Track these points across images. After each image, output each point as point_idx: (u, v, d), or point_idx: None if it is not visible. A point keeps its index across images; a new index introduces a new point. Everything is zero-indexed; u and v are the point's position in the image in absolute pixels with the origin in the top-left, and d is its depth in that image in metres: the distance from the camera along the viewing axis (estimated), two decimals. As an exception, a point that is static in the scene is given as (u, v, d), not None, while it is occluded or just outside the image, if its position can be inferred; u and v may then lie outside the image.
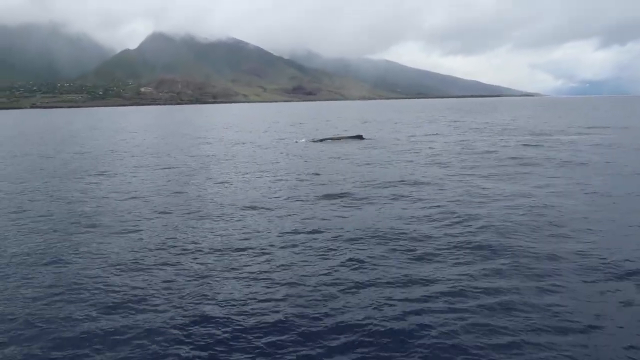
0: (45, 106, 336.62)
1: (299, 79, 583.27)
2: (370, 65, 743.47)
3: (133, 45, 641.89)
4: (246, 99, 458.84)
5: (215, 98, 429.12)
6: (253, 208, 14.95)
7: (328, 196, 16.23)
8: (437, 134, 44.52)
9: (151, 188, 18.86)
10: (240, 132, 52.74)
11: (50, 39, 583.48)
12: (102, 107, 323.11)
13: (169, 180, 20.62)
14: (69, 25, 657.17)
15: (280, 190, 17.71)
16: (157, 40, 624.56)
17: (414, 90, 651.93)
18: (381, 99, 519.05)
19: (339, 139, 37.63)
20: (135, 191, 18.31)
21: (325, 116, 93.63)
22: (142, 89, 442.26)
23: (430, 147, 32.04)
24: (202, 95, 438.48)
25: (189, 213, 14.51)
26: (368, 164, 24.49)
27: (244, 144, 39.01)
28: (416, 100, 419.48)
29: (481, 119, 69.11)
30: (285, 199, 16.02)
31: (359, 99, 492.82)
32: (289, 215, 13.87)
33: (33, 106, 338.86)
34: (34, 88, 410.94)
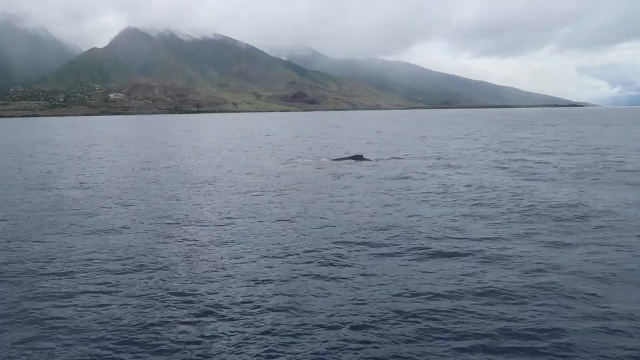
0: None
1: (299, 84, 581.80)
2: (386, 69, 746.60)
3: (102, 43, 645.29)
4: (236, 108, 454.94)
5: (199, 107, 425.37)
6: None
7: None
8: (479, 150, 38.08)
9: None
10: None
11: (3, 35, 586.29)
12: (63, 116, 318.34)
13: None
14: (26, 19, 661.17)
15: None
16: (131, 37, 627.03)
17: (438, 98, 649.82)
18: (400, 108, 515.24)
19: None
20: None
21: (328, 131, 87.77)
22: (112, 95, 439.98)
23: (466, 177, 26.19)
24: (182, 103, 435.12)
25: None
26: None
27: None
28: (442, 110, 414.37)
29: (545, 134, 64.54)
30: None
31: (371, 109, 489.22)
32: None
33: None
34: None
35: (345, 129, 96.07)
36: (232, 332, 8.71)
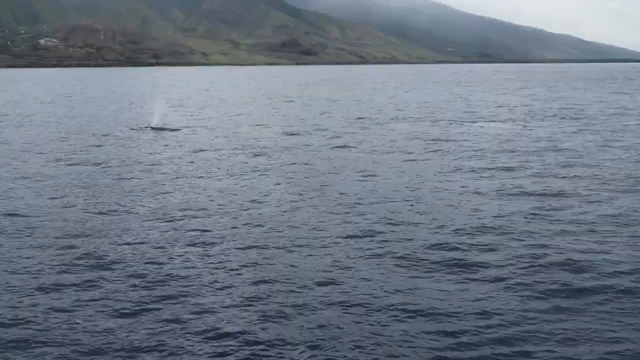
0: None
1: (291, 28, 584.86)
2: (406, 10, 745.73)
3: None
4: (206, 60, 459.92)
5: (158, 58, 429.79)
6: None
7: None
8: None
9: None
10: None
11: None
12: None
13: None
14: None
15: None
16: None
17: (474, 49, 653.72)
18: (423, 62, 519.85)
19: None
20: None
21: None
22: (43, 41, 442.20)
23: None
24: (136, 53, 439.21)
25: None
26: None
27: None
28: (480, 65, 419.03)
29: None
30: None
31: (385, 62, 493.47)
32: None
33: None
34: None
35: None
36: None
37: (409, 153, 32.56)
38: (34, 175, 27.45)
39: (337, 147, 35.43)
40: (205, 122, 50.82)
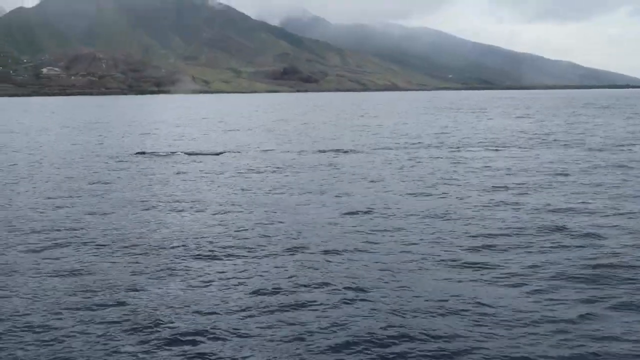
0: None
1: (292, 57, 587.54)
2: (405, 38, 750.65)
3: (31, 1, 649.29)
4: (208, 88, 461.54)
5: (160, 86, 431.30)
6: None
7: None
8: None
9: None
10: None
11: None
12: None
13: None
14: None
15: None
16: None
17: (473, 75, 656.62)
18: (424, 89, 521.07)
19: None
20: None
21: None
22: (45, 70, 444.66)
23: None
24: (138, 81, 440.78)
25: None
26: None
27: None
28: (483, 92, 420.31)
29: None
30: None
31: (386, 89, 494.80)
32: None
33: None
34: None
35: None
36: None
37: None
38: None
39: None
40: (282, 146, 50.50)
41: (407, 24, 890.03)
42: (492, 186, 28.83)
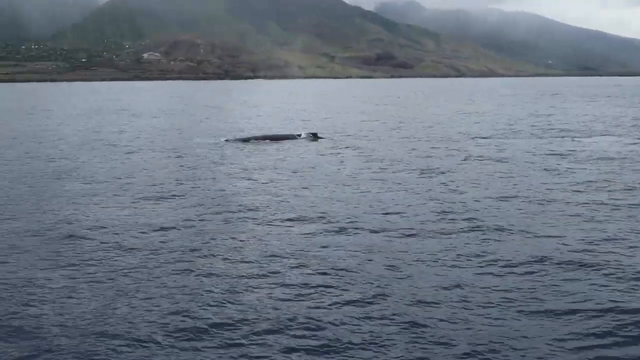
0: (3, 79, 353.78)
1: (386, 42, 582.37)
2: (503, 23, 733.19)
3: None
4: (303, 73, 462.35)
5: (255, 71, 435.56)
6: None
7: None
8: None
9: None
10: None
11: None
12: (87, 81, 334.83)
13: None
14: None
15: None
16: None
17: (575, 61, 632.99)
18: (521, 75, 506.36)
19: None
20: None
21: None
22: (146, 55, 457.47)
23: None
24: (234, 67, 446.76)
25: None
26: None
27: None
28: (585, 78, 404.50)
29: None
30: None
31: (482, 75, 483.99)
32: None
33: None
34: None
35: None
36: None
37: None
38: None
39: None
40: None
41: (506, 8, 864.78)
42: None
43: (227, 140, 41.98)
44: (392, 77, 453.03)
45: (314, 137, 42.86)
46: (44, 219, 20.18)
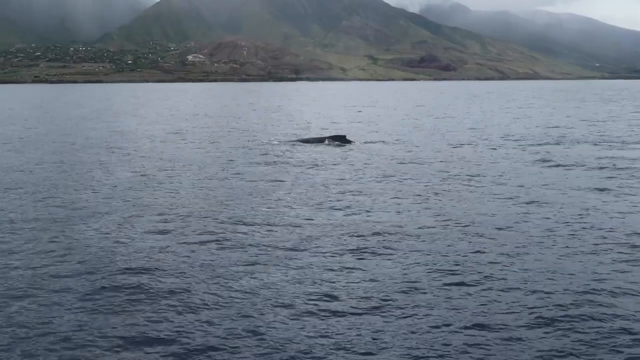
0: (52, 79, 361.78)
1: (430, 44, 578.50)
2: (550, 24, 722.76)
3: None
4: (345, 75, 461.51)
5: (298, 73, 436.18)
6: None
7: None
8: None
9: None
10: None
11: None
12: (132, 82, 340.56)
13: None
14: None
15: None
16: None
17: (624, 64, 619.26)
18: (568, 77, 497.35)
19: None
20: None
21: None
22: (190, 57, 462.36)
23: None
24: (277, 68, 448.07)
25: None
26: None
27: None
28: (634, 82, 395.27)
29: None
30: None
31: (526, 78, 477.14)
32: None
33: (36, 80, 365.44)
34: (37, 54, 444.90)
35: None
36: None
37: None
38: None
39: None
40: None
41: (553, 9, 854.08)
42: None
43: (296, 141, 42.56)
44: (435, 79, 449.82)
45: None
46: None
